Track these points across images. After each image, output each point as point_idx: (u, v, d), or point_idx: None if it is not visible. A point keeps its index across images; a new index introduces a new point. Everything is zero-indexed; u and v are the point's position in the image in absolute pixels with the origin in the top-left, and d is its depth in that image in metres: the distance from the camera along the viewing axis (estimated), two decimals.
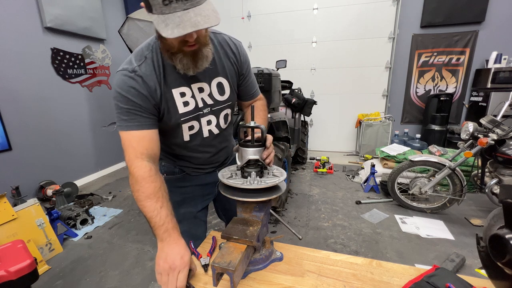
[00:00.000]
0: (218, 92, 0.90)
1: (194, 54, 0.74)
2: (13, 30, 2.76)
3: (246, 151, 0.77)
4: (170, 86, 0.81)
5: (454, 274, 0.69)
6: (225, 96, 0.93)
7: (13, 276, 1.32)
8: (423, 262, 1.90)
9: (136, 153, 0.76)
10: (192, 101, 0.85)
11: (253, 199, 0.72)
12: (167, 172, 1.07)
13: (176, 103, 0.83)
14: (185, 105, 0.84)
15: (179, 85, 0.82)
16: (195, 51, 0.74)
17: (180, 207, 1.07)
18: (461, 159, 2.30)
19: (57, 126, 3.24)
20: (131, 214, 2.74)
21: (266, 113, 1.08)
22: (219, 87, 0.90)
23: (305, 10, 4.37)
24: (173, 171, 1.06)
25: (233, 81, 0.94)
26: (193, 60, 0.75)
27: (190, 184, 1.07)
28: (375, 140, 4.21)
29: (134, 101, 0.76)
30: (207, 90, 0.88)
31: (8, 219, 1.81)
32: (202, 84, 0.86)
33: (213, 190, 1.14)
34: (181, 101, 0.83)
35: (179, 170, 1.05)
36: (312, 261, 0.83)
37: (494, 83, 3.55)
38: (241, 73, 0.96)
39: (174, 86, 0.82)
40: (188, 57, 0.74)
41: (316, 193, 3.11)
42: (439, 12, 3.85)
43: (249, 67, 1.00)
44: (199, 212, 1.11)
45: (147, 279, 1.82)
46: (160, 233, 0.72)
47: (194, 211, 1.09)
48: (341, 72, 4.49)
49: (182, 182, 1.06)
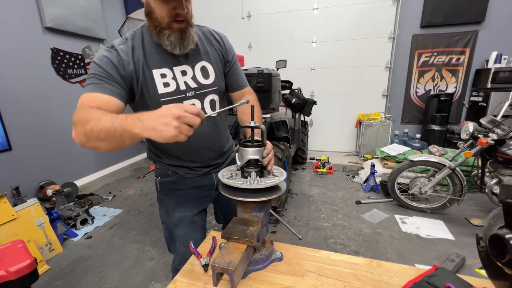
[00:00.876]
0: (202, 75, 0.91)
1: (182, 32, 0.79)
2: (13, 30, 2.76)
3: (246, 151, 0.77)
4: (151, 66, 0.83)
5: (454, 274, 0.69)
6: (209, 80, 0.93)
7: (13, 276, 1.32)
8: (423, 262, 1.90)
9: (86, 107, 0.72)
10: (173, 82, 0.86)
11: (253, 199, 0.72)
12: (161, 175, 1.05)
13: (156, 83, 0.84)
14: (165, 86, 0.85)
15: (160, 66, 0.84)
16: (183, 30, 0.79)
17: (175, 211, 1.05)
18: (461, 159, 2.30)
19: (57, 126, 3.24)
20: (131, 214, 2.74)
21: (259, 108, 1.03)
22: (203, 71, 0.91)
23: (305, 10, 4.37)
24: (167, 174, 1.04)
25: (218, 66, 0.95)
26: (181, 38, 0.79)
27: (185, 187, 1.05)
28: (375, 140, 4.21)
29: (103, 68, 0.76)
30: (190, 73, 0.89)
31: (8, 219, 1.81)
32: (185, 67, 0.87)
33: (209, 194, 1.11)
34: (161, 82, 0.84)
35: (173, 173, 1.03)
36: (312, 261, 0.83)
37: (494, 83, 3.55)
38: (227, 60, 0.99)
39: (155, 67, 0.83)
40: (176, 33, 0.78)
41: (316, 193, 3.11)
42: (439, 12, 3.85)
43: (234, 57, 1.02)
44: (196, 216, 1.08)
45: (147, 279, 1.83)
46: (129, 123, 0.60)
47: (190, 215, 1.06)
48: (341, 72, 4.49)
49: (176, 185, 1.04)
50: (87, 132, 0.64)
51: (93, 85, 0.75)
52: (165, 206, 1.06)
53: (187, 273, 0.79)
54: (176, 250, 1.08)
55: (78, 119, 0.67)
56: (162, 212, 1.09)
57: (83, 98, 0.73)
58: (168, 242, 1.11)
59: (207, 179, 1.08)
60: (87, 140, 0.66)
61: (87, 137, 0.64)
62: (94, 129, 0.62)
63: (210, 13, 4.76)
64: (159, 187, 1.06)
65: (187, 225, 1.06)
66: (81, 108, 0.71)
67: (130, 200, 3.09)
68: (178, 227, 1.06)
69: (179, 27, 0.78)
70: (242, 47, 4.76)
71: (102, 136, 0.62)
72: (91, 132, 0.63)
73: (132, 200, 3.07)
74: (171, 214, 1.05)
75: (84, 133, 0.65)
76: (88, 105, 0.71)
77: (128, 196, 3.19)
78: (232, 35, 0.96)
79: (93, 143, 0.65)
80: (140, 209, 2.86)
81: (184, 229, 1.05)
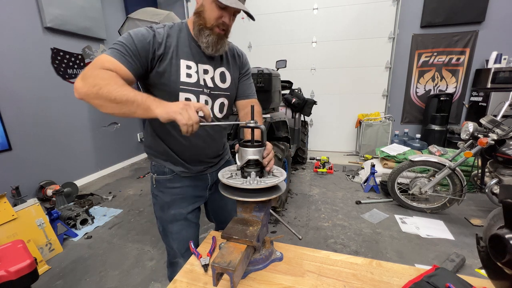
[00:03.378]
0: (220, 79, 1.00)
1: (219, 37, 0.90)
2: (13, 30, 2.76)
3: (246, 151, 0.77)
4: (180, 56, 0.90)
5: (454, 274, 0.69)
6: (225, 85, 1.01)
7: (13, 276, 1.32)
8: (423, 262, 1.90)
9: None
10: (195, 76, 0.93)
11: (253, 199, 0.72)
12: (157, 172, 1.07)
13: (180, 71, 0.90)
14: (187, 76, 0.92)
15: (188, 59, 0.92)
16: (221, 36, 0.90)
17: (170, 208, 1.08)
18: (461, 159, 2.30)
19: (57, 126, 3.24)
20: (131, 214, 2.74)
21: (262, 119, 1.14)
22: (221, 75, 1.00)
23: (305, 10, 4.37)
24: (163, 171, 1.06)
25: (234, 76, 1.05)
26: (216, 42, 0.89)
27: (180, 185, 1.07)
28: (375, 140, 4.21)
29: (135, 42, 0.81)
30: (210, 74, 0.97)
31: (8, 219, 1.81)
32: (208, 67, 0.96)
33: (203, 193, 1.15)
34: (185, 72, 0.91)
35: (169, 170, 1.05)
36: (312, 261, 0.83)
37: (494, 83, 3.55)
38: (241, 71, 1.10)
39: (183, 57, 0.91)
40: (214, 36, 0.88)
41: (316, 193, 3.11)
42: (439, 12, 3.85)
43: (248, 70, 1.13)
44: (190, 214, 1.11)
45: (147, 279, 1.83)
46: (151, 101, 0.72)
47: (185, 212, 1.09)
48: (341, 72, 4.49)
49: (172, 183, 1.07)
50: (102, 92, 0.69)
51: (118, 53, 0.79)
52: (160, 203, 1.09)
53: (187, 273, 0.79)
54: (170, 245, 1.14)
55: (94, 75, 0.72)
56: (156, 208, 1.12)
57: (105, 58, 0.78)
58: (162, 236, 1.16)
59: (201, 178, 1.11)
60: (95, 96, 0.70)
61: (99, 95, 0.70)
62: (112, 92, 0.69)
63: None
64: (155, 183, 1.09)
65: (180, 222, 1.09)
66: (99, 66, 0.76)
67: (130, 200, 3.09)
68: (172, 223, 1.10)
69: (219, 33, 0.89)
70: (242, 47, 4.68)
71: (118, 100, 0.69)
72: (107, 93, 0.69)
73: (132, 200, 3.07)
74: (165, 211, 1.09)
75: (97, 90, 0.70)
76: (107, 67, 0.76)
77: (128, 196, 3.19)
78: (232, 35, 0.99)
79: (102, 101, 0.70)
80: (140, 209, 2.86)
81: (177, 226, 1.09)
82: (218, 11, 0.85)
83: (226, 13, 0.86)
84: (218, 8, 0.84)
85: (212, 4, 0.84)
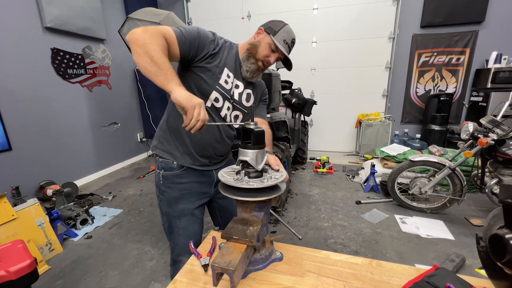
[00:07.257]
0: (245, 97, 1.14)
1: (258, 69, 1.07)
2: (13, 30, 2.76)
3: (242, 152, 0.78)
4: (225, 65, 1.04)
5: (454, 274, 0.69)
6: (248, 103, 1.16)
7: (13, 276, 1.32)
8: (423, 262, 1.90)
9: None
10: (230, 85, 1.07)
11: (253, 198, 0.72)
12: (164, 169, 1.12)
13: (221, 76, 1.04)
14: (224, 82, 1.05)
15: (230, 70, 1.06)
16: (260, 69, 1.08)
17: (178, 203, 1.13)
18: (461, 159, 2.30)
19: (57, 126, 3.24)
20: (131, 214, 2.74)
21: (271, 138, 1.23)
22: (248, 95, 1.15)
23: (305, 10, 4.37)
24: (171, 167, 1.11)
25: (256, 98, 1.22)
26: (255, 72, 1.07)
27: (188, 180, 1.13)
28: (375, 140, 4.21)
29: (200, 35, 0.95)
30: (240, 90, 1.11)
31: (8, 219, 1.81)
32: (240, 84, 1.11)
33: (209, 190, 1.20)
34: (224, 78, 1.05)
35: (177, 166, 1.11)
36: (312, 261, 0.83)
37: (494, 83, 3.55)
38: (261, 98, 1.28)
39: (228, 67, 1.05)
40: (255, 66, 1.06)
41: (316, 193, 3.11)
42: (439, 12, 3.85)
43: (265, 97, 1.29)
44: (196, 210, 1.17)
45: (147, 279, 1.83)
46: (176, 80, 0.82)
47: (192, 207, 1.15)
48: (341, 72, 4.49)
49: (180, 179, 1.12)
50: (149, 47, 0.80)
51: (180, 33, 0.91)
52: (168, 198, 1.14)
53: (187, 273, 0.79)
54: (175, 242, 1.17)
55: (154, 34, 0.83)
56: (163, 204, 1.16)
57: (168, 30, 0.88)
58: (168, 233, 1.20)
59: (207, 175, 1.17)
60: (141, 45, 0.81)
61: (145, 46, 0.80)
62: (155, 51, 0.80)
63: (211, 13, 4.77)
64: (162, 179, 1.13)
65: (188, 217, 1.15)
66: (160, 32, 0.85)
67: (130, 200, 3.09)
68: (180, 218, 1.14)
69: (260, 66, 1.07)
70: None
71: (155, 59, 0.80)
72: (152, 50, 0.80)
73: (132, 200, 3.07)
74: (173, 206, 1.14)
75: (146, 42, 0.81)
76: (166, 37, 0.87)
77: (128, 196, 3.19)
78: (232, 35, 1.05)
79: (142, 51, 0.80)
80: (140, 209, 2.86)
81: (185, 221, 1.15)
82: (269, 51, 1.04)
83: (273, 55, 1.05)
84: (270, 49, 1.03)
85: (267, 44, 1.03)
